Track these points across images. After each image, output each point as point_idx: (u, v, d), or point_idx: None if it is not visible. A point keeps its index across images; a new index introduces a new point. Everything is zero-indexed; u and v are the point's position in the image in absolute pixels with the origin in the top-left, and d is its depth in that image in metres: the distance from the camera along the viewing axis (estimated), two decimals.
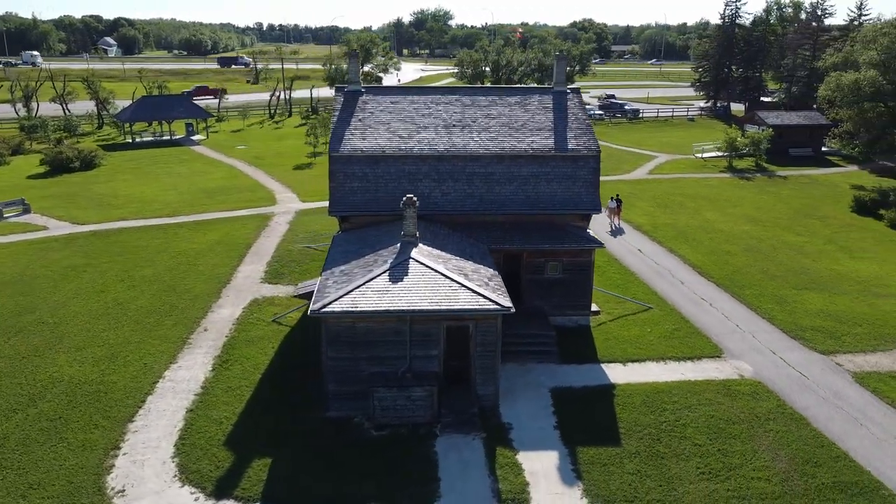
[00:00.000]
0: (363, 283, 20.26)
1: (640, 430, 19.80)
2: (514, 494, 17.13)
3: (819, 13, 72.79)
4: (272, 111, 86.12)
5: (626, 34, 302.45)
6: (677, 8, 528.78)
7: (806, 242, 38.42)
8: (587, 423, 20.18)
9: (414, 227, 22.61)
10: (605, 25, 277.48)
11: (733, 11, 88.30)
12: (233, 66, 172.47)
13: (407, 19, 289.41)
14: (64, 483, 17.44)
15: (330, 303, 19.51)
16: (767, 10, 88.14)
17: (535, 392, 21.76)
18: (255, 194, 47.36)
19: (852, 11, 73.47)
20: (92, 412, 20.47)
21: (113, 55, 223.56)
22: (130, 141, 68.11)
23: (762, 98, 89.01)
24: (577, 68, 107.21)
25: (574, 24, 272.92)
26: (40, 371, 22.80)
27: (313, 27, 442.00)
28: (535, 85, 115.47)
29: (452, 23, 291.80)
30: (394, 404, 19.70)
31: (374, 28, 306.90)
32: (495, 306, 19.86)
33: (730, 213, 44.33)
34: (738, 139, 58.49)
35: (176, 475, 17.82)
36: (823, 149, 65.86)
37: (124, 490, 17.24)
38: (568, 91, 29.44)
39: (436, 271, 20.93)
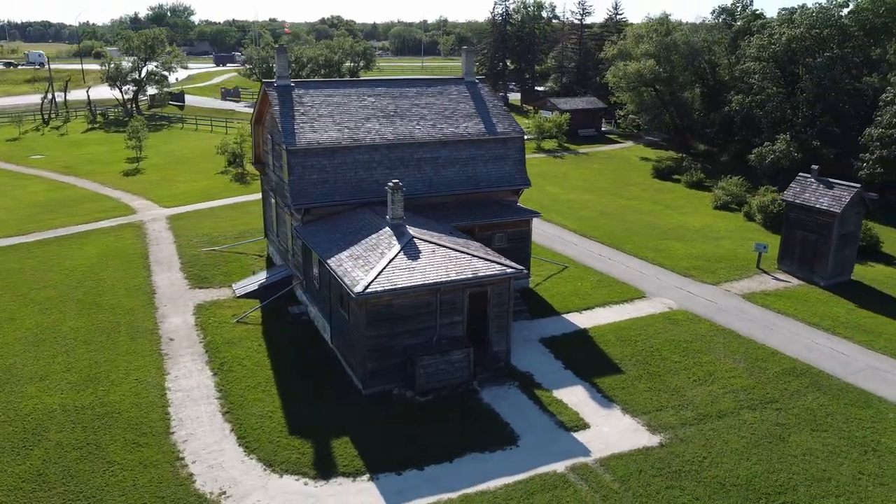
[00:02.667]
0: (387, 265, 21.49)
1: (629, 359, 23.79)
2: (575, 422, 20.01)
3: (581, 12, 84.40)
4: (45, 116, 76.67)
5: (373, 31, 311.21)
6: (417, 5, 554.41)
7: (638, 204, 45.92)
8: (587, 360, 23.66)
9: (401, 210, 24.16)
10: (354, 22, 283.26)
11: (504, 10, 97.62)
12: None
13: (143, 14, 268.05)
14: (154, 499, 16.60)
15: (369, 284, 20.52)
16: (538, 6, 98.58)
17: (530, 344, 24.70)
18: (101, 204, 43.40)
19: (610, 10, 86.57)
20: (121, 433, 19.15)
21: None
22: None
23: (536, 88, 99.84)
24: (361, 64, 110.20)
25: (323, 21, 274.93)
26: (16, 405, 20.38)
27: (19, 22, 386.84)
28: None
29: (195, 18, 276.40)
30: (436, 370, 21.33)
31: (101, 24, 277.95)
32: (511, 270, 22.43)
33: (567, 186, 50.83)
34: (545, 123, 66.12)
35: (266, 468, 17.84)
36: (603, 129, 76.75)
37: (225, 492, 16.94)
38: (477, 81, 32.50)
39: (444, 246, 22.84)
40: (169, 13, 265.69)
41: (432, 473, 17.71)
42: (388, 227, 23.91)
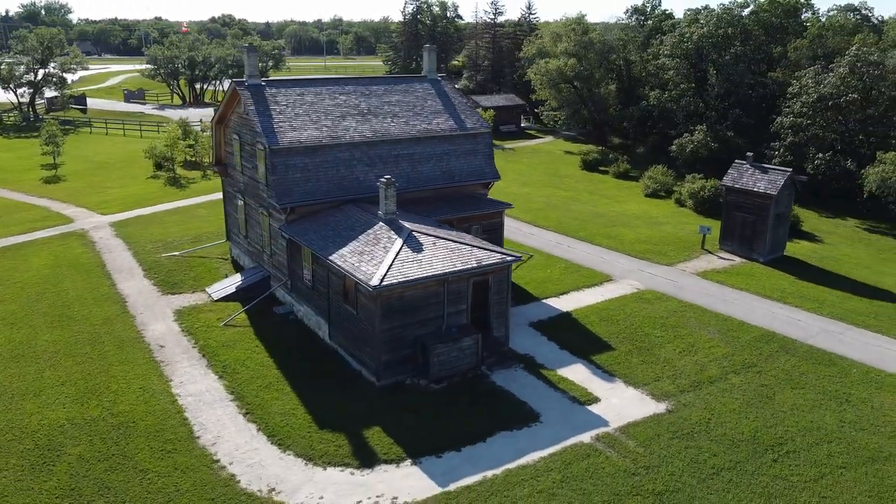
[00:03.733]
0: (394, 258, 21.97)
1: (616, 337, 25.39)
2: (585, 397, 21.29)
3: (494, 12, 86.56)
4: None
5: (267, 30, 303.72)
6: (310, 4, 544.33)
7: (577, 195, 48.18)
8: (578, 340, 25.05)
9: (394, 205, 24.69)
10: (247, 21, 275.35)
11: (415, 9, 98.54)
12: None
13: (14, 12, 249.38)
14: (204, 501, 16.44)
15: (384, 277, 20.96)
16: (443, 6, 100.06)
17: (521, 329, 25.81)
18: (30, 214, 40.95)
19: (523, 10, 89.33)
20: (144, 441, 18.70)
21: None
22: None
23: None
24: (270, 64, 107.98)
25: (214, 20, 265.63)
26: (19, 422, 19.41)
27: None
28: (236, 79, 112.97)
29: (73, 17, 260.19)
30: (448, 357, 22.03)
31: None
32: (510, 258, 23.47)
33: (506, 180, 52.16)
34: None
35: (306, 463, 17.99)
36: (522, 125, 79.27)
37: (274, 489, 17.00)
38: (439, 78, 33.29)
39: (443, 238, 23.58)
40: (43, 11, 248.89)
41: (469, 454, 18.46)
42: (382, 223, 24.34)
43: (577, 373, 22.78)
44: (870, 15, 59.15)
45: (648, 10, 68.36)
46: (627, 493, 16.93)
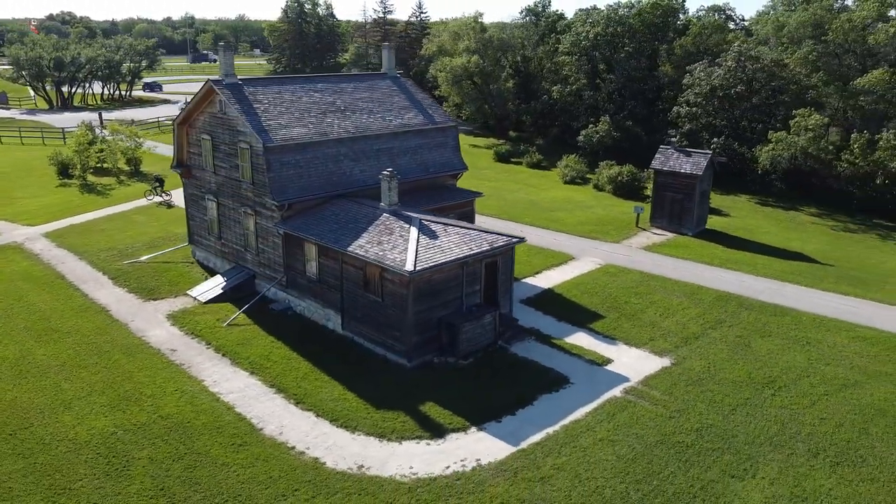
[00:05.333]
0: (416, 245, 23.18)
1: (601, 306, 28.00)
2: (600, 359, 23.63)
3: (384, 10, 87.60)
4: None
5: (113, 28, 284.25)
6: (155, 2, 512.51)
7: (503, 185, 50.83)
8: (570, 312, 27.41)
9: (397, 196, 25.86)
10: (90, 19, 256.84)
11: (298, 7, 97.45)
12: None
13: None
14: (304, 484, 17.00)
15: (415, 262, 22.12)
16: (327, 5, 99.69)
17: (515, 306, 27.73)
18: None
19: (414, 9, 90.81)
20: (209, 438, 18.80)
21: None
22: None
23: None
24: (143, 64, 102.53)
25: (52, 17, 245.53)
26: (65, 433, 18.80)
27: None
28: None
29: None
30: (473, 334, 23.55)
31: None
32: (516, 239, 25.37)
33: None
34: None
35: (380, 440, 18.91)
36: None
37: (362, 465, 17.84)
38: (398, 75, 34.47)
39: (451, 225, 25.06)
40: None
41: (524, 416, 20.18)
42: (386, 214, 25.41)
43: (582, 340, 25.10)
44: (732, 15, 66.52)
45: (540, 9, 72.53)
46: (671, 432, 19.39)
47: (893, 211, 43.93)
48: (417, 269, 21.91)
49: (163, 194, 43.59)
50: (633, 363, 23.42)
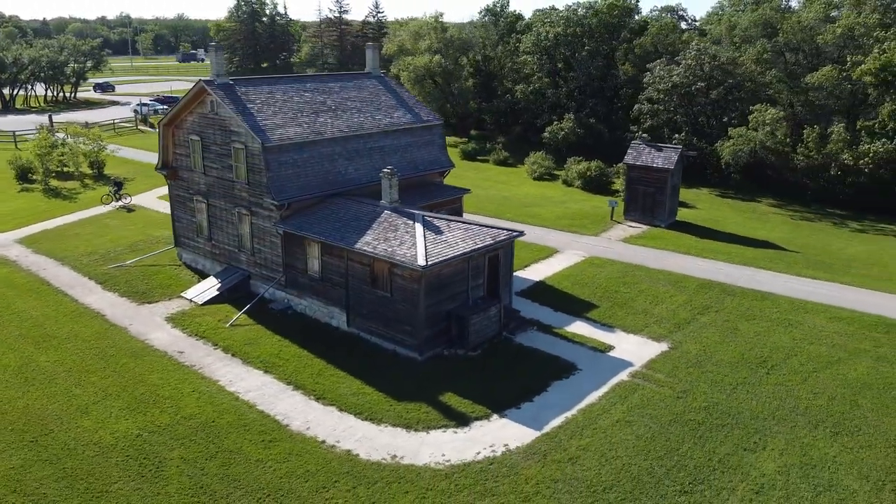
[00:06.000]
0: (423, 241, 23.68)
1: (593, 296, 29.02)
2: (603, 346, 24.58)
3: (339, 10, 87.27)
4: None
5: (44, 28, 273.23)
6: (87, 2, 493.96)
7: (476, 182, 51.34)
8: (565, 303, 28.32)
9: (397, 193, 26.31)
10: (20, 18, 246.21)
11: (250, 8, 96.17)
12: None
13: None
14: (341, 475, 17.33)
15: (426, 257, 22.62)
16: (275, 5, 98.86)
17: (512, 297, 28.55)
18: None
19: (371, 9, 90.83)
20: (238, 436, 18.93)
21: None
22: None
23: None
24: (89, 64, 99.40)
25: None
26: (88, 438, 18.62)
27: None
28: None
29: None
30: (480, 326, 24.19)
31: None
32: (516, 233, 26.11)
33: None
34: None
35: (407, 430, 19.35)
36: None
37: (395, 455, 18.25)
38: (382, 74, 34.81)
39: (454, 220, 25.64)
40: None
41: (541, 402, 20.94)
42: (388, 211, 25.84)
43: (581, 328, 26.04)
44: (685, 15, 69.05)
45: (499, 9, 73.63)
46: (682, 411, 20.45)
47: (844, 201, 46.56)
48: (429, 263, 22.40)
49: (122, 198, 42.69)
50: (633, 349, 24.46)
